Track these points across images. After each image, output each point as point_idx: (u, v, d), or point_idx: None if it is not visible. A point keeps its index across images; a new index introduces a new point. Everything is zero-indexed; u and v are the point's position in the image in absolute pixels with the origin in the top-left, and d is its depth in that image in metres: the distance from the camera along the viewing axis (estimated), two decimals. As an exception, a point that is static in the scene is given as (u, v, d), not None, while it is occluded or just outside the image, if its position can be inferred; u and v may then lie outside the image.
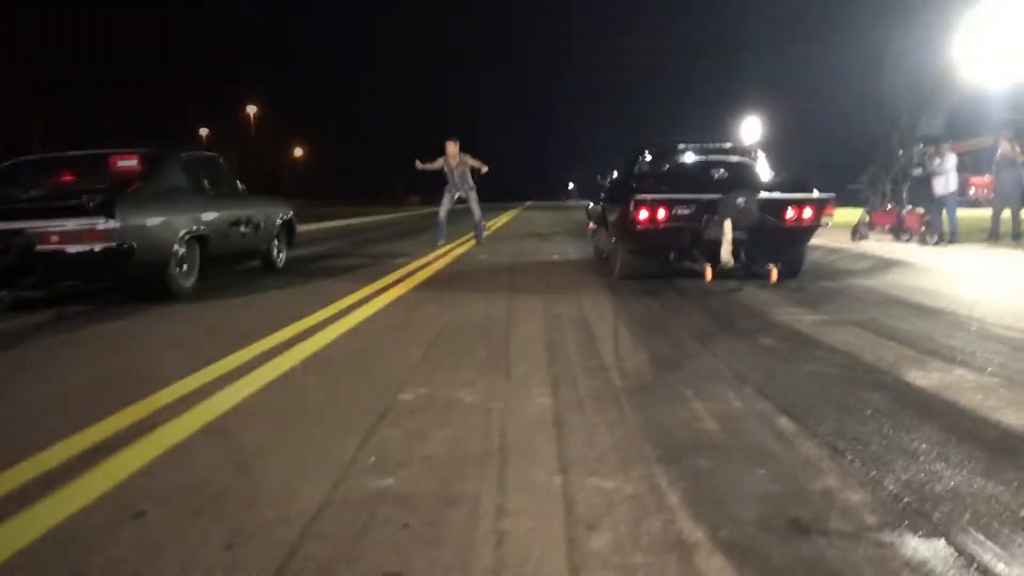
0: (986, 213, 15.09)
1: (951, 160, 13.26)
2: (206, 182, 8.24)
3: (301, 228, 12.29)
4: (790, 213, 7.44)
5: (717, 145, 9.93)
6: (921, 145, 13.50)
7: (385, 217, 35.37)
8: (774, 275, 7.37)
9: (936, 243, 12.35)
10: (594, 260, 10.49)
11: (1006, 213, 13.17)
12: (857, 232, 13.23)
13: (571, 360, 4.35)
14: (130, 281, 7.19)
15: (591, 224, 11.13)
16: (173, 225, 7.25)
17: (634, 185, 8.05)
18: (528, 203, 76.18)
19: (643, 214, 7.36)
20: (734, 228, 7.28)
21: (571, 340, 4.95)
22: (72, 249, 6.47)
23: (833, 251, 11.70)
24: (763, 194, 7.47)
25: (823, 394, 3.56)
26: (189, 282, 7.49)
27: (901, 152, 13.19)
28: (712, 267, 7.34)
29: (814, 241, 9.23)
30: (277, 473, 2.67)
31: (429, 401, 3.53)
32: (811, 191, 7.60)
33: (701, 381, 3.83)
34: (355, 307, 6.41)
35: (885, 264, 9.72)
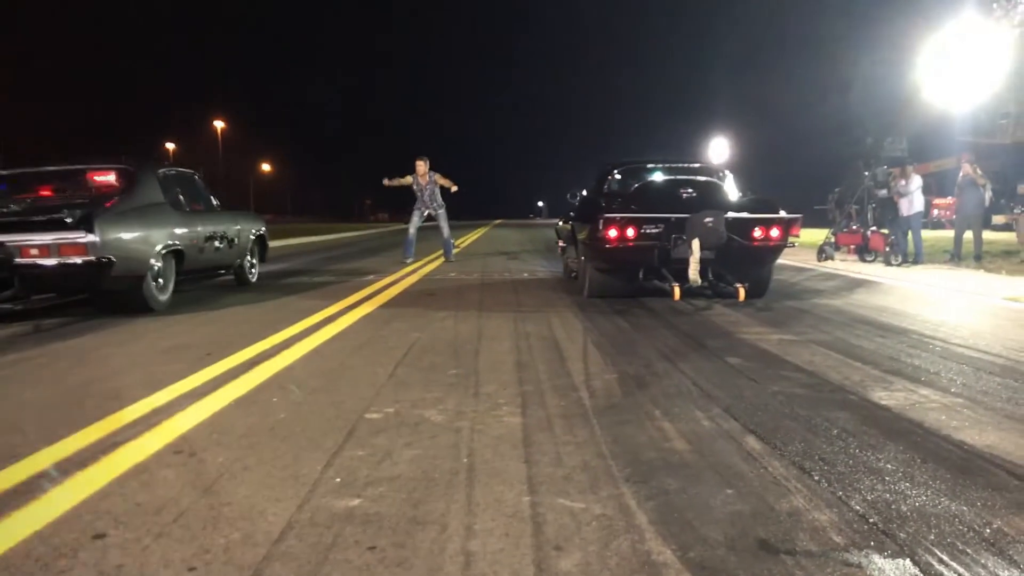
0: (948, 234, 15.38)
1: (916, 181, 13.49)
2: (182, 197, 8.46)
3: (270, 244, 12.20)
4: (757, 233, 7.56)
5: (686, 165, 10.06)
6: (886, 167, 13.70)
7: (354, 234, 35.31)
8: (742, 294, 7.43)
9: (900, 264, 12.52)
10: (563, 278, 10.50)
11: (968, 234, 13.41)
12: (823, 252, 13.40)
13: (540, 379, 4.34)
14: (107, 294, 7.25)
15: (560, 242, 11.29)
16: (150, 240, 7.38)
17: (603, 203, 8.10)
18: (498, 221, 76.42)
19: (612, 232, 7.45)
20: (702, 247, 7.34)
21: (540, 359, 4.95)
22: (51, 262, 6.59)
23: (799, 270, 11.83)
24: (731, 214, 7.53)
25: (790, 414, 3.58)
26: (165, 296, 7.62)
27: (867, 173, 13.37)
28: (680, 286, 7.40)
29: (780, 261, 9.32)
30: (241, 493, 2.63)
31: (396, 420, 3.50)
32: (778, 211, 7.70)
33: (670, 400, 3.83)
34: (323, 324, 6.36)
35: (850, 284, 9.83)
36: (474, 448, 3.10)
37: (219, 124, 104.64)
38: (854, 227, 13.58)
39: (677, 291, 7.40)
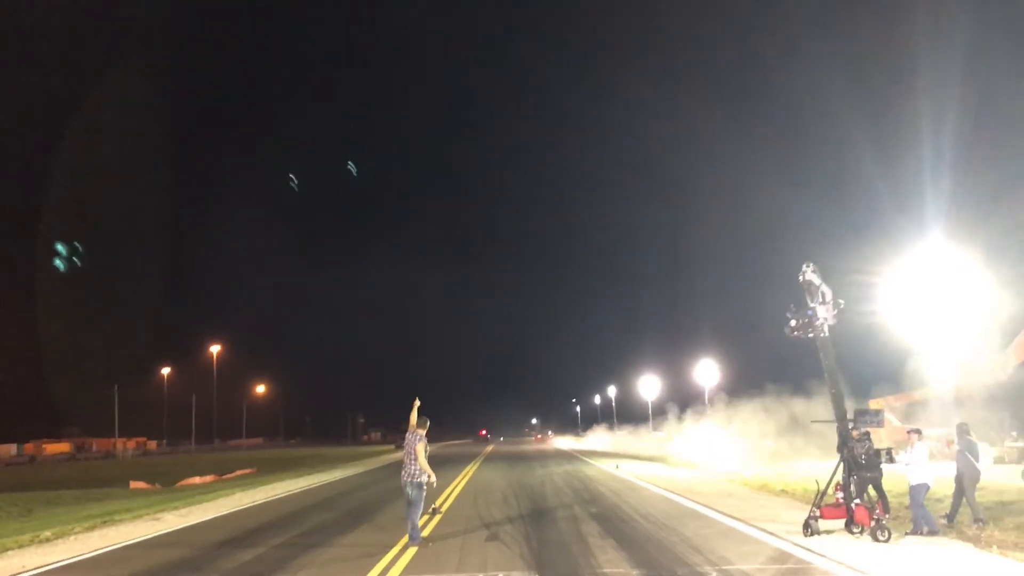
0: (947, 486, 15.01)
1: (919, 450, 13.29)
2: None
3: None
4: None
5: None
6: (857, 428, 13.43)
7: (343, 473, 34.52)
8: None
9: (887, 539, 12.06)
10: None
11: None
12: (808, 527, 12.88)
13: None
14: None
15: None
16: None
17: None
18: (489, 449, 77.43)
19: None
20: None
21: None
22: None
23: (782, 560, 11.21)
24: None
25: None
26: None
27: (847, 443, 13.12)
28: None
29: (758, 535, 8.83)
30: None
31: None
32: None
33: None
34: None
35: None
36: None
37: (215, 348, 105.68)
38: (839, 498, 13.14)
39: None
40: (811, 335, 13.47)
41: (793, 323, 13.52)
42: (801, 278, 13.45)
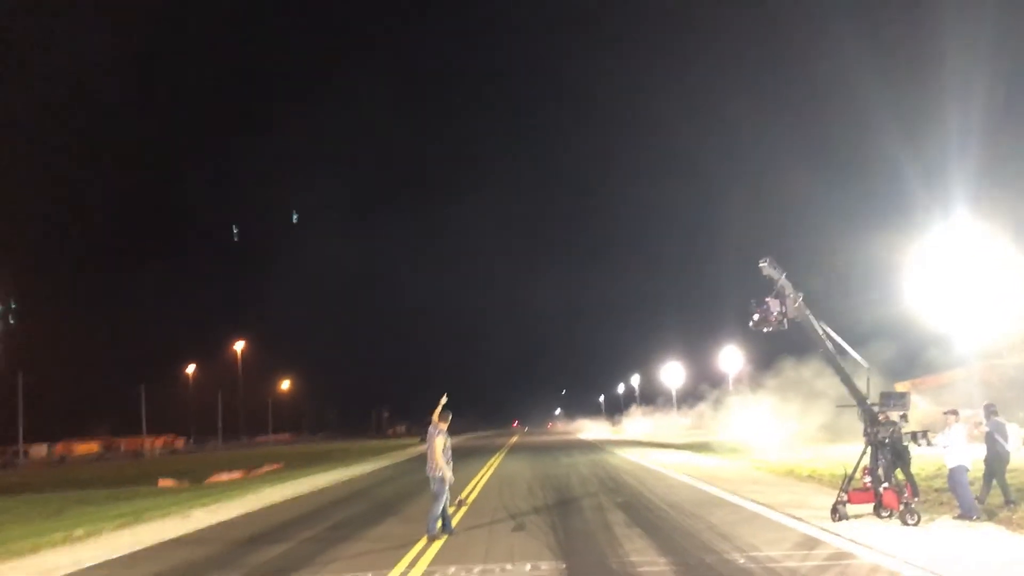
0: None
1: (956, 430, 13.05)
2: None
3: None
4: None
5: None
6: (880, 410, 13.27)
7: (368, 466, 34.60)
8: None
9: (916, 523, 11.97)
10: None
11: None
12: (836, 511, 12.82)
13: None
14: None
15: None
16: None
17: None
18: (513, 440, 76.58)
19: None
20: None
21: None
22: None
23: (805, 544, 11.17)
24: None
25: None
26: None
27: (873, 427, 13.00)
28: None
29: (789, 523, 8.79)
30: None
31: None
32: None
33: None
34: None
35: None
36: None
37: (240, 345, 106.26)
38: (867, 482, 13.05)
39: None
40: (769, 329, 13.53)
41: (756, 316, 13.54)
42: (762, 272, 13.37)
